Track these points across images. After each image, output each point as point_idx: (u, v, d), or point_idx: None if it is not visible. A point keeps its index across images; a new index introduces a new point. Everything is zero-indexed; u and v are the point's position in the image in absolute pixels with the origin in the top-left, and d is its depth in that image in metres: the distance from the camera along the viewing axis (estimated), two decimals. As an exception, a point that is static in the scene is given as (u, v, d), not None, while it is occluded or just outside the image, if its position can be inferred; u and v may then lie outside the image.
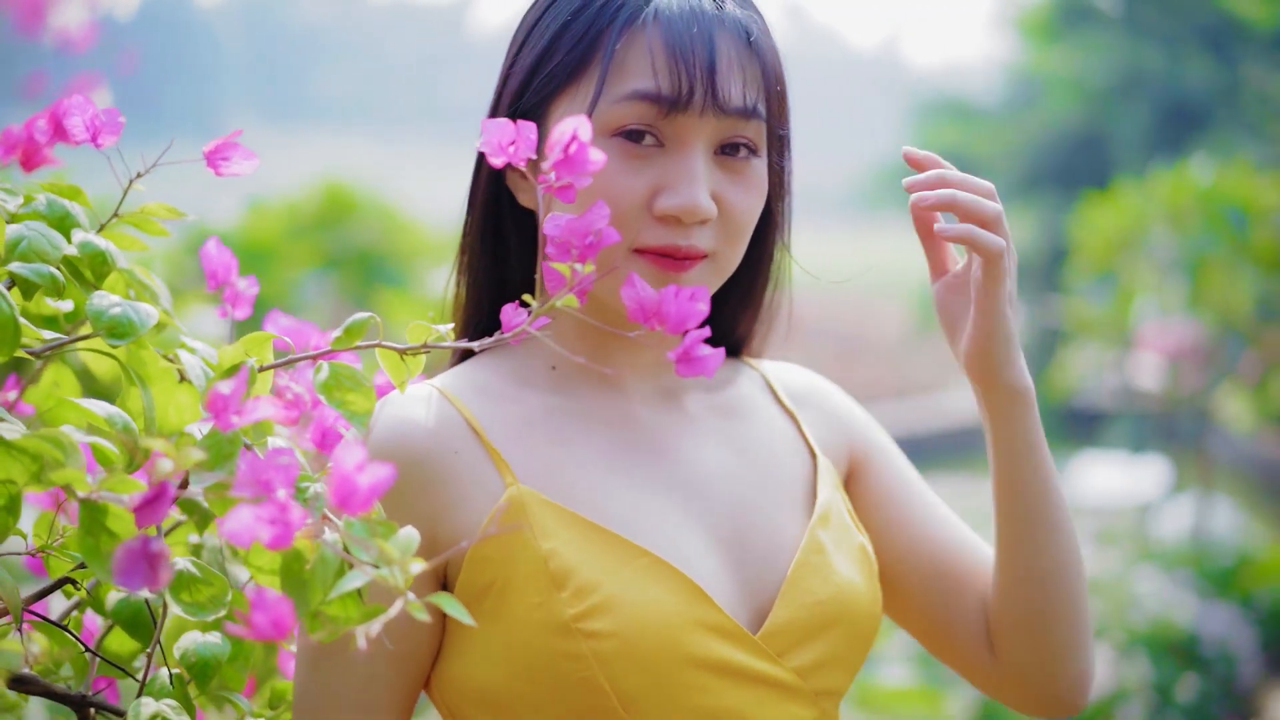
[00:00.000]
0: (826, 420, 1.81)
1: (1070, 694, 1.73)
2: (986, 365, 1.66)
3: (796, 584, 1.60)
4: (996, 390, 1.67)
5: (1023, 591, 1.69)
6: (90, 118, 1.38)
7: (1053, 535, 1.69)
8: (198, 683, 1.34)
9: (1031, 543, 1.68)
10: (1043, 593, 1.69)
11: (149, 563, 1.04)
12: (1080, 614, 1.71)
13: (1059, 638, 1.70)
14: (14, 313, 1.16)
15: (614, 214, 1.42)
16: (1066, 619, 1.70)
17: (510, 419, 1.57)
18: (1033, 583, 1.69)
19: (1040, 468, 1.68)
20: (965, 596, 1.76)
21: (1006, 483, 1.69)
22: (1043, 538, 1.68)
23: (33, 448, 1.11)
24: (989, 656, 1.74)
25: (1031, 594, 1.69)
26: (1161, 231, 8.01)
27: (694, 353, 1.22)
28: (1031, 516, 1.68)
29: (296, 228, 6.78)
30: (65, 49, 4.44)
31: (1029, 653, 1.71)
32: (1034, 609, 1.69)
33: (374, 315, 1.23)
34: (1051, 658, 1.71)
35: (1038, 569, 1.68)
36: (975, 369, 1.67)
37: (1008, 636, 1.72)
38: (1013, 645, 1.72)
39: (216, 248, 1.48)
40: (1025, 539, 1.68)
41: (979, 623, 1.75)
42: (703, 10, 1.56)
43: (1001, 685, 1.75)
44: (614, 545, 1.51)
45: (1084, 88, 17.32)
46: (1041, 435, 1.69)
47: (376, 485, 1.04)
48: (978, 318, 1.65)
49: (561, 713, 1.48)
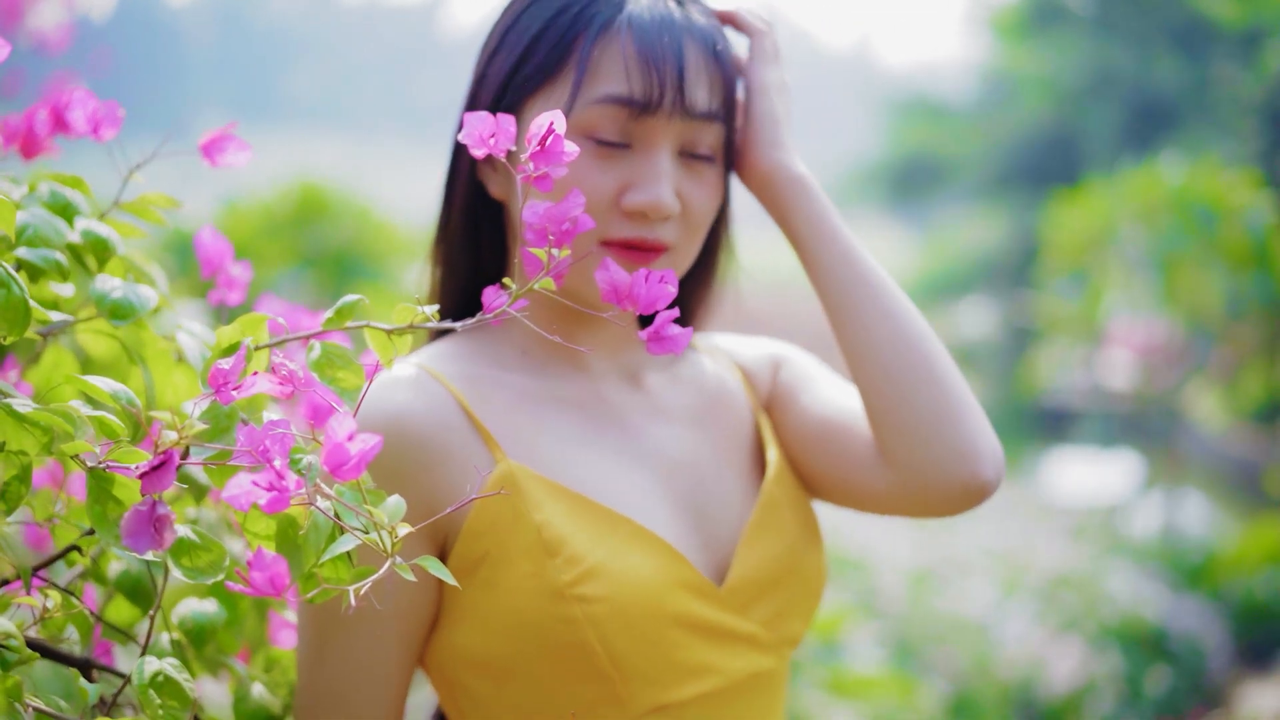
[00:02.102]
0: (752, 366, 1.91)
1: (973, 470, 1.68)
2: (756, 152, 1.74)
3: (752, 541, 1.71)
4: (772, 180, 1.74)
5: (872, 375, 1.70)
6: (92, 111, 1.44)
7: (878, 310, 1.71)
8: (194, 646, 1.41)
9: (859, 323, 1.71)
10: (893, 368, 1.69)
11: (155, 525, 1.12)
12: (941, 382, 1.69)
13: (928, 408, 1.68)
14: (25, 295, 1.22)
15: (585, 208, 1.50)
16: (926, 387, 1.68)
17: (492, 399, 1.65)
18: (878, 362, 1.70)
19: (842, 251, 1.73)
20: (855, 436, 1.76)
21: (815, 273, 1.74)
22: (868, 316, 1.71)
23: (44, 420, 1.18)
24: (883, 471, 1.72)
25: (881, 375, 1.69)
26: (1131, 229, 8.08)
27: (664, 332, 1.30)
28: (849, 299, 1.72)
29: (271, 227, 6.83)
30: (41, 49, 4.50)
31: (911, 436, 1.69)
32: (891, 388, 1.69)
33: (363, 298, 1.30)
34: (933, 432, 1.68)
35: (875, 345, 1.70)
36: (749, 161, 1.75)
37: (887, 435, 1.70)
38: (896, 442, 1.70)
39: (211, 236, 1.56)
40: (852, 321, 1.71)
41: (863, 455, 1.75)
42: (672, 19, 1.65)
43: (913, 493, 1.72)
44: (598, 515, 1.60)
45: (1055, 87, 17.41)
46: (834, 219, 1.74)
47: (366, 453, 1.11)
48: (746, 102, 1.75)
49: (554, 673, 1.57)
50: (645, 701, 1.60)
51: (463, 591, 1.59)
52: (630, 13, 1.64)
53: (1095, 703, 6.36)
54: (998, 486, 1.71)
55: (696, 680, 1.62)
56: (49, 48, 4.51)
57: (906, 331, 1.71)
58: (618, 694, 1.58)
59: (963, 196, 20.45)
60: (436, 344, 1.73)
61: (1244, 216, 7.60)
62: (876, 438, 1.72)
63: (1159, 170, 8.15)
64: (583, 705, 1.59)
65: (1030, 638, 6.60)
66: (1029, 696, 6.35)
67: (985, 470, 1.69)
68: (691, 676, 1.62)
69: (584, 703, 1.59)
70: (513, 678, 1.59)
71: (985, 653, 6.47)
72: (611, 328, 1.74)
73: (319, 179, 7.18)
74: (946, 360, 1.72)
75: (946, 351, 1.73)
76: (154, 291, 1.40)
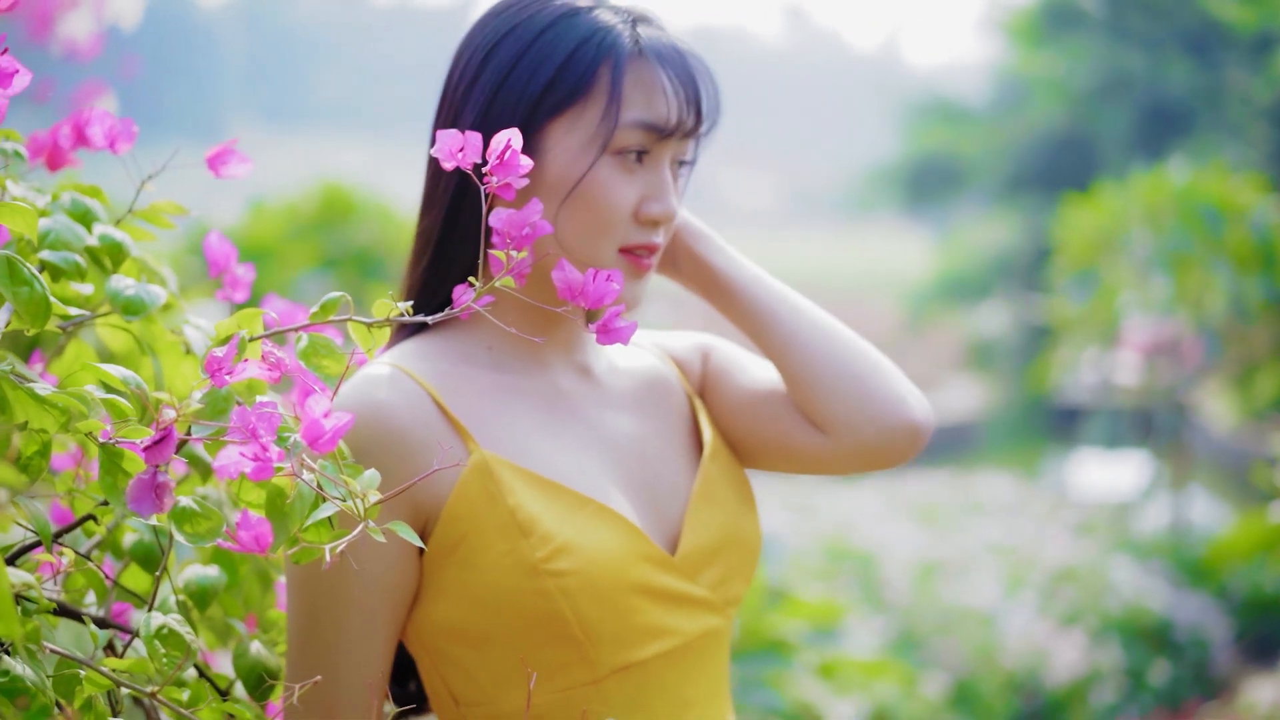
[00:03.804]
0: (682, 357, 2.11)
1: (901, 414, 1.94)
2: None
3: (696, 514, 1.91)
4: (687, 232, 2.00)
5: (799, 356, 1.95)
6: (109, 127, 1.62)
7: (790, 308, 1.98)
8: (198, 606, 1.59)
9: (780, 322, 1.97)
10: (814, 345, 1.95)
11: (156, 491, 1.30)
12: (857, 347, 1.96)
13: (851, 371, 1.94)
14: (46, 292, 1.40)
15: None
16: (846, 354, 1.95)
17: (462, 392, 1.82)
18: (803, 344, 1.95)
19: (753, 273, 2.01)
20: (783, 413, 2.00)
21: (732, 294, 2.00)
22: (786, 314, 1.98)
23: (62, 401, 1.35)
24: (824, 438, 1.97)
25: (807, 354, 1.95)
26: (1140, 231, 8.19)
27: (612, 324, 1.47)
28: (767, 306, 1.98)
29: (296, 228, 6.92)
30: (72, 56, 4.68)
31: (843, 400, 1.94)
32: (818, 362, 1.94)
33: (345, 295, 1.47)
34: (861, 390, 1.94)
35: (797, 332, 1.96)
36: None
37: (820, 404, 1.95)
38: (829, 408, 1.94)
39: (218, 239, 1.73)
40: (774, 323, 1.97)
41: (802, 425, 1.98)
42: (679, 50, 1.85)
43: (852, 449, 1.96)
44: (565, 497, 1.79)
45: (1069, 90, 17.50)
46: (734, 250, 2.01)
47: (339, 429, 1.28)
48: None
49: (530, 639, 1.76)
50: (612, 661, 1.78)
51: (442, 569, 1.76)
52: (644, 44, 1.82)
53: (1098, 693, 6.48)
54: (930, 428, 1.96)
55: (656, 641, 1.81)
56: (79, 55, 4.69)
57: (818, 317, 1.98)
58: (587, 656, 1.76)
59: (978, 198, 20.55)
60: (406, 343, 1.88)
61: (1249, 218, 7.72)
62: (811, 412, 1.96)
63: (1166, 173, 8.27)
64: (555, 666, 1.77)
65: (1034, 629, 6.71)
66: (1032, 686, 6.46)
67: (914, 413, 1.95)
68: (652, 638, 1.81)
69: (556, 664, 1.76)
70: (491, 644, 1.77)
71: (989, 643, 6.59)
72: (566, 325, 1.91)
73: (343, 181, 7.29)
74: (856, 336, 1.98)
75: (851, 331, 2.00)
76: (164, 290, 1.58)
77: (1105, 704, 6.45)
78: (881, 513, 9.46)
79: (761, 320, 1.98)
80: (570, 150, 1.78)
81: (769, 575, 4.88)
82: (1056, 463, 13.08)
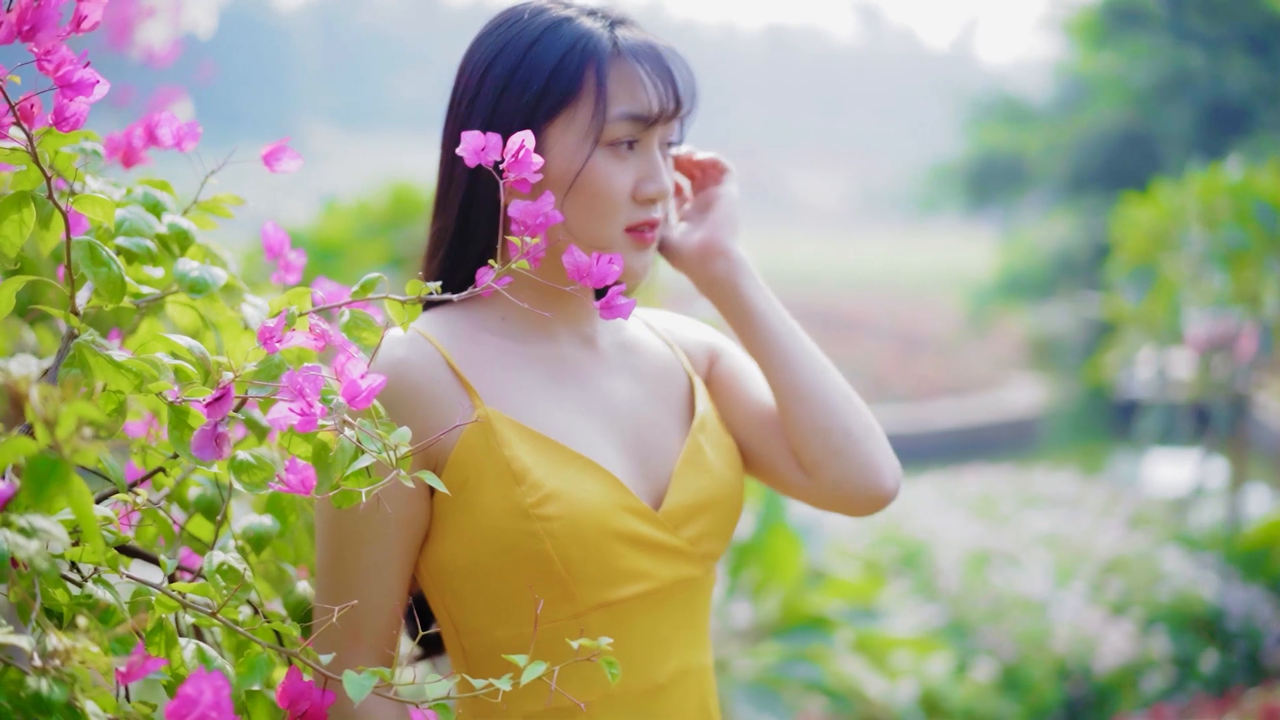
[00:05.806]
0: (689, 347, 2.32)
1: (878, 482, 2.19)
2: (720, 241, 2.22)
3: (682, 476, 2.13)
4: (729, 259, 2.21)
5: (806, 410, 2.17)
6: (177, 128, 1.83)
7: (808, 360, 2.19)
8: (254, 549, 1.81)
9: (795, 370, 2.18)
10: (822, 405, 2.17)
11: (216, 441, 1.51)
12: (858, 413, 2.20)
13: (847, 434, 2.17)
14: (121, 272, 1.62)
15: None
16: (847, 419, 2.17)
17: (473, 356, 2.04)
18: (811, 400, 2.17)
19: (778, 315, 2.22)
20: (777, 439, 2.23)
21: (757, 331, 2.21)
22: (802, 365, 2.19)
23: (136, 366, 1.57)
24: (805, 477, 2.21)
25: (813, 410, 2.17)
26: (1196, 228, 8.27)
27: (613, 301, 1.68)
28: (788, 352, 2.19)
29: (366, 227, 7.05)
30: (150, 63, 4.89)
31: (835, 456, 2.17)
32: (822, 419, 2.17)
33: (383, 275, 1.68)
34: (850, 453, 2.17)
35: (809, 387, 2.17)
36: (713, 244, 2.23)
37: (813, 453, 2.18)
38: (820, 459, 2.17)
39: (273, 228, 1.95)
40: (790, 368, 2.19)
41: (790, 456, 2.22)
42: (654, 46, 2.06)
43: (827, 496, 2.21)
44: (557, 451, 2.01)
45: (1130, 89, 17.48)
46: (769, 291, 2.23)
47: (374, 388, 1.50)
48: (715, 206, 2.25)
49: (519, 576, 1.98)
50: (591, 599, 2.01)
51: (448, 511, 1.99)
52: (623, 42, 2.03)
53: (1147, 680, 6.53)
54: (896, 495, 2.23)
55: (633, 583, 2.04)
56: (157, 61, 4.89)
57: (830, 375, 2.21)
58: (569, 592, 1.99)
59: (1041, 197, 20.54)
60: (432, 312, 2.10)
61: (1304, 215, 7.78)
62: (802, 456, 2.20)
63: (1222, 172, 8.34)
64: (542, 601, 1.98)
65: (1084, 618, 6.77)
66: (1080, 673, 6.52)
67: (887, 481, 2.21)
68: (629, 579, 2.04)
69: (543, 599, 1.98)
70: (487, 579, 2.00)
71: (1039, 630, 6.67)
72: (574, 301, 2.12)
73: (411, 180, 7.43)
74: (855, 395, 2.22)
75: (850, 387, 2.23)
76: (224, 272, 1.79)
77: (1155, 690, 6.49)
78: (938, 504, 9.53)
79: (777, 359, 2.19)
80: (568, 147, 1.99)
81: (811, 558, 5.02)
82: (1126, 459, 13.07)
